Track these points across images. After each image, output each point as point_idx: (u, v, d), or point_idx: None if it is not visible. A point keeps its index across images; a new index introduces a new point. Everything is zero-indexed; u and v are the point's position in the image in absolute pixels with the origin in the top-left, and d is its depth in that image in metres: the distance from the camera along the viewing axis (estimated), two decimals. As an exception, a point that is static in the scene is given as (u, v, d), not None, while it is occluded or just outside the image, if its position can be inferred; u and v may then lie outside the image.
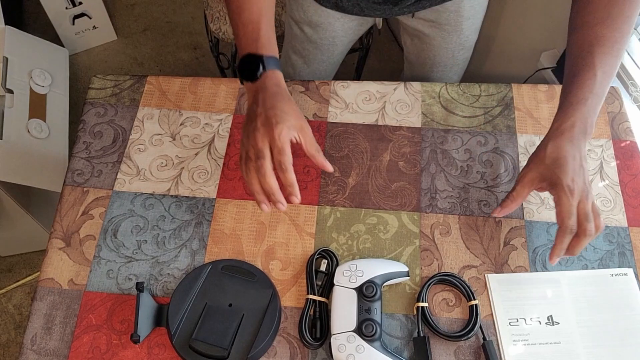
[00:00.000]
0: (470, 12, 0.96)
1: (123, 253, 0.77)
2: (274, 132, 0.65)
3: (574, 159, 0.67)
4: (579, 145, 0.68)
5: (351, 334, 0.67)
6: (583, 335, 0.70)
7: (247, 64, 0.70)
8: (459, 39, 1.00)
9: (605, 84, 0.69)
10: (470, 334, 0.69)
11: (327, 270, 0.74)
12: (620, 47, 0.70)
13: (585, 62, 0.70)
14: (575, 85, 0.70)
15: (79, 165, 0.84)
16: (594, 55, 0.69)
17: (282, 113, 0.66)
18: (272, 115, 0.66)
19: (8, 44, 1.54)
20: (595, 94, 0.68)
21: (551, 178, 0.68)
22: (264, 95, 0.69)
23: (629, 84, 1.05)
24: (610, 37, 0.69)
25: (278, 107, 0.67)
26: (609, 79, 0.70)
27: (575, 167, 0.67)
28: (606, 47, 0.69)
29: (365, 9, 0.92)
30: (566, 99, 0.70)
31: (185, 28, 2.07)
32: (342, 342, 0.67)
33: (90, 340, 0.71)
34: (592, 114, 0.69)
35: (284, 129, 0.65)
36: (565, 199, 0.67)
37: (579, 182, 0.67)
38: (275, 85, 0.69)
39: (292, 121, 0.67)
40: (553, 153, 0.68)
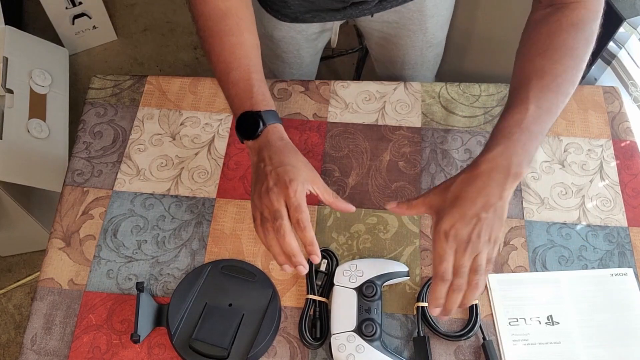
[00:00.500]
0: (434, 10, 0.94)
1: (123, 253, 0.77)
2: (289, 190, 0.62)
3: (473, 204, 0.59)
4: (493, 185, 0.60)
5: (351, 334, 0.67)
6: (583, 335, 0.70)
7: (245, 122, 0.68)
8: (425, 37, 0.98)
9: (541, 120, 0.62)
10: (470, 334, 0.69)
11: (327, 270, 0.74)
12: (561, 82, 0.64)
13: (520, 96, 0.64)
14: (505, 118, 0.63)
15: (79, 165, 0.84)
16: (530, 89, 0.63)
17: (293, 168, 0.64)
18: (284, 173, 0.64)
19: (8, 44, 1.54)
20: (525, 130, 0.61)
21: (439, 214, 0.61)
22: (269, 152, 0.66)
23: (629, 84, 1.05)
24: (550, 70, 0.64)
25: (287, 163, 0.65)
26: (546, 115, 0.63)
27: (468, 213, 0.59)
28: (544, 81, 0.63)
29: (325, 17, 0.91)
30: (492, 133, 0.64)
31: (185, 28, 2.07)
32: (342, 342, 0.67)
33: (90, 340, 0.71)
34: (519, 151, 0.60)
35: (299, 186, 0.63)
36: (438, 242, 0.60)
37: (460, 230, 0.59)
38: (279, 140, 0.67)
39: (304, 175, 0.65)
40: (457, 189, 0.61)
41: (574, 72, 0.65)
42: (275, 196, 0.63)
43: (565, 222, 0.79)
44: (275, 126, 0.68)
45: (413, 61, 1.03)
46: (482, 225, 0.59)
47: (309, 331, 0.70)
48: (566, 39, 0.65)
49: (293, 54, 1.00)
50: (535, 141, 0.62)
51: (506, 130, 0.62)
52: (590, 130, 0.87)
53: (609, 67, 1.21)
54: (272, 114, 0.69)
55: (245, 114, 0.68)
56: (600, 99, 0.89)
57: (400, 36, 0.98)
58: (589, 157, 0.84)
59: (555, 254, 0.76)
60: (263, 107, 0.68)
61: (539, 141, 0.63)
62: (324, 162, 0.84)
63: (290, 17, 0.91)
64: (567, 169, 0.83)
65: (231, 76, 0.69)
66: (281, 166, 0.64)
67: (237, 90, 0.69)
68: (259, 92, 0.69)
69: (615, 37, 1.16)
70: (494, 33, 1.47)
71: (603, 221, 0.79)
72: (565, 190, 0.81)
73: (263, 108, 0.68)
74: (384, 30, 0.98)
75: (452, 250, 0.60)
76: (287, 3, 0.87)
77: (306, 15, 0.90)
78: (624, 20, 1.13)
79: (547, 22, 0.67)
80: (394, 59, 1.04)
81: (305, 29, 0.96)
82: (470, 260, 0.60)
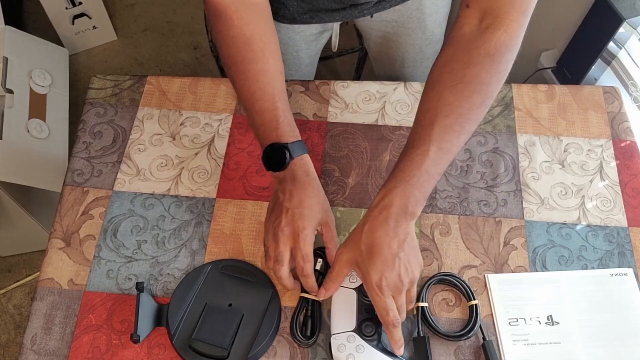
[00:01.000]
0: (432, 8, 0.94)
1: (123, 253, 0.77)
2: (299, 237, 0.65)
3: (389, 248, 0.62)
4: (397, 226, 0.62)
5: (351, 334, 0.67)
6: (583, 335, 0.70)
7: (272, 154, 0.68)
8: (424, 35, 0.98)
9: (440, 161, 0.63)
10: (470, 334, 0.69)
11: (322, 269, 0.74)
12: (465, 121, 0.63)
13: (424, 134, 0.64)
14: (406, 158, 0.64)
15: (79, 165, 0.84)
16: (434, 127, 0.63)
17: (310, 212, 0.66)
18: (299, 216, 0.65)
19: (8, 44, 1.54)
20: (425, 172, 0.62)
21: (362, 268, 0.63)
22: (292, 186, 0.67)
23: (629, 84, 1.05)
24: (457, 107, 0.63)
25: (306, 205, 0.66)
26: (446, 155, 0.64)
27: (389, 259, 0.62)
28: (449, 119, 0.63)
29: (324, 17, 0.91)
30: (392, 172, 0.65)
31: (185, 28, 2.06)
32: (342, 342, 0.67)
33: (90, 340, 0.71)
34: (416, 192, 0.62)
35: (309, 234, 0.65)
36: (376, 298, 0.63)
37: (389, 278, 0.62)
38: (304, 175, 0.68)
39: (317, 219, 0.67)
40: (367, 239, 0.63)
41: (481, 110, 0.65)
42: (284, 239, 0.66)
43: (565, 222, 0.79)
44: (301, 158, 0.69)
45: (412, 59, 1.03)
46: (404, 264, 0.63)
47: (300, 329, 0.70)
48: (479, 72, 0.63)
49: (292, 55, 1.00)
50: (432, 181, 0.64)
51: (406, 172, 0.63)
52: (590, 130, 0.87)
53: (609, 67, 1.21)
54: (299, 145, 0.69)
55: (272, 145, 0.68)
56: (600, 99, 0.89)
57: (399, 34, 0.98)
58: (589, 157, 0.84)
59: (555, 254, 0.76)
60: (290, 139, 0.68)
61: (436, 181, 0.65)
62: (324, 162, 0.84)
63: (288, 18, 0.91)
64: (567, 169, 0.83)
65: (256, 106, 0.69)
66: (299, 208, 0.66)
67: (262, 120, 0.69)
68: (285, 122, 0.69)
69: (615, 37, 1.16)
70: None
71: (603, 221, 0.79)
72: (565, 190, 0.81)
73: (290, 140, 0.68)
74: (383, 29, 0.98)
75: (391, 297, 0.63)
76: (285, 4, 0.87)
77: (304, 16, 0.90)
78: (624, 20, 1.13)
79: (467, 50, 0.65)
80: (393, 58, 1.04)
81: (303, 30, 0.95)
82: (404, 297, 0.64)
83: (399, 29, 0.97)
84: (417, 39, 0.99)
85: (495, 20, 0.64)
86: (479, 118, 0.65)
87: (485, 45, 0.64)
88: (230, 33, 0.69)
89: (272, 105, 0.69)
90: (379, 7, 0.90)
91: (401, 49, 1.01)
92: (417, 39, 0.99)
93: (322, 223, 0.69)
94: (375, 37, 1.02)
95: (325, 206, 0.69)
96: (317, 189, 0.69)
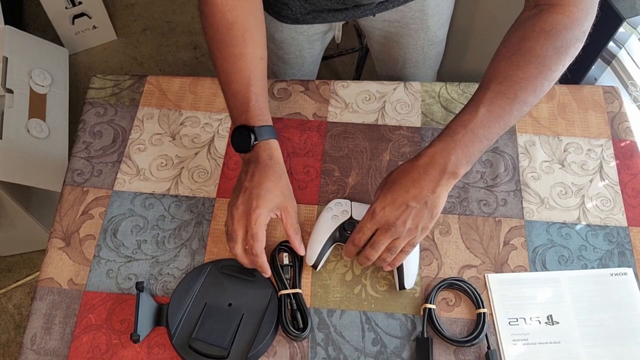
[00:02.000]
0: (435, 9, 0.94)
1: (123, 253, 0.77)
2: (251, 216, 0.66)
3: (406, 192, 0.63)
4: (427, 180, 0.62)
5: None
6: (583, 334, 0.70)
7: (239, 135, 0.70)
8: (426, 36, 0.98)
9: (490, 124, 0.63)
10: (475, 342, 0.69)
11: (291, 262, 0.74)
12: (519, 89, 0.63)
13: (476, 97, 0.65)
14: (456, 118, 0.65)
15: (79, 165, 0.84)
16: (486, 92, 0.64)
17: (266, 193, 0.67)
18: (255, 196, 0.66)
19: (8, 43, 1.54)
20: (470, 131, 0.62)
21: (376, 194, 0.67)
22: (254, 168, 0.68)
23: (629, 84, 1.05)
24: (511, 75, 0.64)
25: (264, 186, 0.67)
26: (497, 120, 0.63)
27: (398, 199, 0.63)
28: (502, 86, 0.63)
29: (327, 18, 0.91)
30: (443, 129, 0.65)
31: (185, 28, 2.07)
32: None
33: (90, 340, 0.71)
34: (459, 151, 0.62)
35: (262, 214, 0.66)
36: (365, 217, 0.65)
37: (387, 213, 0.63)
38: (268, 158, 0.69)
39: (275, 202, 0.68)
40: (396, 175, 0.65)
41: (538, 81, 0.64)
42: (238, 217, 0.67)
43: (565, 222, 0.79)
44: (267, 143, 0.70)
45: (414, 59, 1.03)
46: (409, 214, 0.63)
47: (292, 325, 0.70)
48: (534, 46, 0.64)
49: (295, 54, 1.00)
50: (479, 144, 0.63)
51: (452, 129, 0.64)
52: (590, 130, 0.87)
53: (609, 67, 1.21)
54: (267, 130, 0.70)
55: (240, 127, 0.70)
56: (600, 98, 0.89)
57: (401, 35, 0.98)
58: (589, 157, 0.84)
59: (555, 253, 0.76)
60: (258, 123, 0.69)
61: (484, 145, 0.64)
62: (324, 161, 0.84)
63: (291, 19, 0.91)
64: (567, 168, 0.83)
65: (231, 87, 0.71)
66: (257, 187, 0.67)
67: (235, 102, 0.71)
68: (256, 106, 0.70)
69: (615, 37, 1.16)
70: (494, 32, 1.47)
71: (603, 221, 0.79)
72: (565, 190, 0.81)
73: (258, 123, 0.69)
74: (386, 29, 0.98)
75: (373, 228, 0.65)
76: (287, 4, 0.87)
77: (307, 16, 0.90)
78: (624, 20, 1.12)
79: (523, 26, 0.67)
80: (395, 58, 1.04)
81: (306, 30, 0.95)
82: (389, 241, 0.65)
83: (401, 30, 0.97)
84: (419, 40, 0.99)
85: (552, 6, 0.65)
86: (537, 90, 0.65)
87: (540, 23, 0.65)
88: (214, 17, 0.71)
89: (245, 89, 0.70)
90: (381, 8, 0.90)
91: (403, 50, 1.01)
92: (419, 39, 0.99)
93: (281, 208, 0.69)
94: (377, 37, 1.02)
95: (286, 191, 0.70)
96: (279, 173, 0.70)
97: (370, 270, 0.75)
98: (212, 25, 0.71)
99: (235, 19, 0.71)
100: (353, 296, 0.73)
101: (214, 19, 0.71)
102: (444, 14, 0.98)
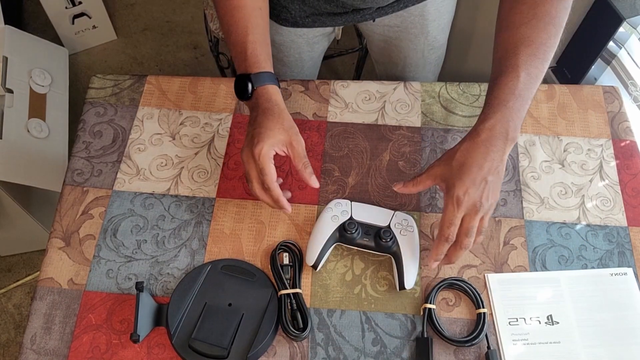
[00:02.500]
0: (435, 14, 0.94)
1: (123, 253, 0.77)
2: (254, 152, 0.67)
3: (480, 169, 0.64)
4: (494, 151, 0.65)
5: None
6: (583, 334, 0.70)
7: (238, 84, 0.72)
8: (426, 40, 0.98)
9: (531, 86, 0.67)
10: (475, 342, 0.69)
11: (292, 262, 0.74)
12: (546, 49, 0.67)
13: (510, 63, 0.67)
14: (498, 86, 0.67)
15: (79, 164, 0.84)
16: (519, 56, 0.67)
17: (267, 130, 0.68)
18: (256, 134, 0.68)
19: (8, 43, 1.54)
20: (519, 96, 0.66)
21: (449, 182, 0.66)
22: (256, 113, 0.70)
23: (629, 84, 1.05)
24: (536, 38, 0.67)
25: (264, 125, 0.68)
26: (534, 81, 0.67)
27: (477, 178, 0.64)
28: (531, 49, 0.67)
29: (326, 21, 0.91)
30: (488, 101, 0.68)
31: (185, 27, 2.06)
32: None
33: (89, 340, 0.71)
34: (514, 117, 0.66)
35: (264, 148, 0.67)
36: (450, 208, 0.65)
37: (472, 195, 0.64)
38: (266, 101, 0.70)
39: (277, 137, 0.68)
40: (462, 157, 0.65)
41: (556, 39, 0.69)
42: (246, 158, 0.69)
43: (565, 222, 0.79)
44: (264, 88, 0.71)
45: (414, 63, 1.03)
46: (489, 188, 0.65)
47: (292, 325, 0.70)
48: (549, 9, 0.68)
49: (294, 57, 1.00)
50: (526, 106, 0.67)
51: (502, 97, 0.66)
52: (590, 130, 0.87)
53: (609, 67, 1.21)
54: (265, 76, 0.71)
55: (240, 76, 0.72)
56: (600, 98, 0.89)
57: (401, 39, 0.98)
58: (589, 157, 0.84)
59: (555, 253, 0.76)
60: (254, 70, 0.71)
61: (528, 105, 0.68)
62: (324, 161, 0.84)
63: (290, 22, 0.91)
64: (567, 168, 0.83)
65: (231, 38, 0.73)
66: (257, 127, 0.68)
67: (235, 52, 0.73)
68: (253, 54, 0.71)
69: (615, 36, 1.16)
70: (493, 32, 1.47)
71: (603, 221, 0.79)
72: (565, 190, 0.81)
73: (254, 70, 0.71)
74: (386, 33, 0.98)
75: (462, 215, 0.65)
76: (287, 8, 0.87)
77: (307, 19, 0.90)
78: (624, 20, 1.13)
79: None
80: (395, 62, 1.04)
81: (306, 33, 0.95)
82: (477, 222, 0.65)
83: (401, 34, 0.97)
84: (419, 44, 0.99)
85: None
86: (555, 47, 0.69)
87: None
88: None
89: (243, 38, 0.72)
90: (380, 12, 0.90)
91: (403, 54, 1.01)
92: (419, 44, 0.99)
93: (286, 143, 0.70)
94: (377, 41, 1.02)
95: (287, 126, 0.70)
96: (279, 112, 0.70)
97: (370, 270, 0.75)
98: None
99: None
100: (353, 296, 0.74)
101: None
102: (445, 19, 0.98)
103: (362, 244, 0.74)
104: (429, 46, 1.00)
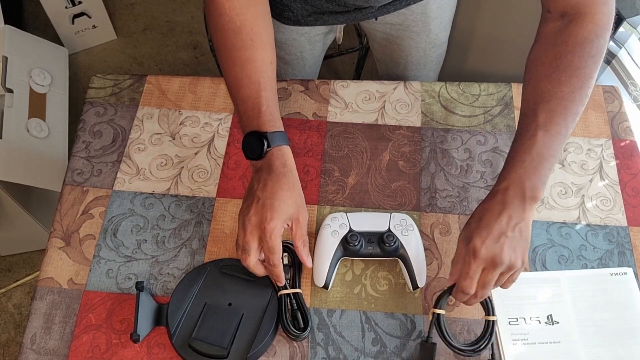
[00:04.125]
0: (437, 12, 0.94)
1: (123, 252, 0.77)
2: (266, 229, 0.64)
3: (498, 224, 0.62)
4: (512, 209, 0.63)
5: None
6: (583, 334, 0.70)
7: (251, 142, 0.68)
8: (428, 38, 0.98)
9: (551, 144, 0.64)
10: (480, 350, 0.67)
11: (290, 262, 0.74)
12: (568, 103, 0.64)
13: (528, 121, 0.65)
14: (515, 146, 0.66)
15: (79, 164, 0.84)
16: (537, 113, 0.65)
17: (280, 204, 0.65)
18: (269, 207, 0.64)
19: (8, 43, 1.54)
20: (537, 155, 0.64)
21: (468, 238, 0.63)
22: (267, 176, 0.66)
23: (629, 84, 1.05)
24: (557, 92, 0.65)
25: (277, 196, 0.65)
26: (555, 137, 0.64)
27: (495, 232, 0.62)
28: (552, 104, 0.64)
29: (328, 20, 0.91)
30: (506, 160, 0.67)
31: (185, 27, 2.06)
32: None
33: (89, 340, 0.71)
34: (532, 176, 0.63)
35: (277, 227, 0.64)
36: (467, 259, 0.62)
37: (490, 248, 0.61)
38: (281, 166, 0.67)
39: (288, 213, 0.66)
40: (479, 214, 0.64)
41: (582, 91, 0.65)
42: (252, 228, 0.65)
43: (565, 222, 0.79)
44: (280, 149, 0.68)
45: (416, 62, 1.03)
46: (509, 244, 0.61)
47: (292, 324, 0.70)
48: (572, 60, 0.65)
49: (296, 55, 1.00)
50: (547, 164, 0.64)
51: (518, 158, 0.65)
52: (590, 130, 0.87)
53: (609, 67, 1.21)
54: (279, 136, 0.68)
55: (252, 133, 0.68)
56: (600, 98, 0.89)
57: (403, 37, 0.98)
58: (589, 157, 0.84)
59: (555, 253, 0.76)
60: (270, 128, 0.67)
61: (552, 162, 0.65)
62: (324, 161, 0.84)
63: (292, 20, 0.91)
64: (566, 168, 0.83)
65: (241, 93, 0.69)
66: (270, 198, 0.65)
67: (245, 107, 0.69)
68: (267, 111, 0.68)
69: (615, 36, 1.16)
70: (495, 32, 1.47)
71: (603, 221, 0.79)
72: (565, 189, 0.81)
73: (270, 129, 0.67)
74: (387, 31, 0.98)
75: (480, 268, 0.62)
76: (289, 6, 0.87)
77: (309, 18, 0.90)
78: (624, 20, 1.13)
79: (555, 44, 0.67)
80: (396, 60, 1.04)
81: (308, 32, 0.95)
82: (497, 276, 0.63)
83: (403, 32, 0.97)
84: (421, 42, 0.99)
85: (579, 16, 0.66)
86: (584, 99, 0.66)
87: (572, 38, 0.66)
88: (221, 21, 0.70)
89: (256, 94, 0.68)
90: (383, 11, 0.90)
91: (405, 52, 1.01)
92: (421, 42, 0.99)
93: (293, 218, 0.67)
94: (379, 39, 1.02)
95: (299, 201, 0.68)
96: (293, 182, 0.68)
97: (370, 270, 0.75)
98: (219, 29, 0.70)
99: (243, 23, 0.69)
100: (353, 296, 0.74)
101: (220, 22, 0.70)
102: (446, 17, 0.98)
103: (367, 253, 0.73)
104: (431, 44, 1.00)
